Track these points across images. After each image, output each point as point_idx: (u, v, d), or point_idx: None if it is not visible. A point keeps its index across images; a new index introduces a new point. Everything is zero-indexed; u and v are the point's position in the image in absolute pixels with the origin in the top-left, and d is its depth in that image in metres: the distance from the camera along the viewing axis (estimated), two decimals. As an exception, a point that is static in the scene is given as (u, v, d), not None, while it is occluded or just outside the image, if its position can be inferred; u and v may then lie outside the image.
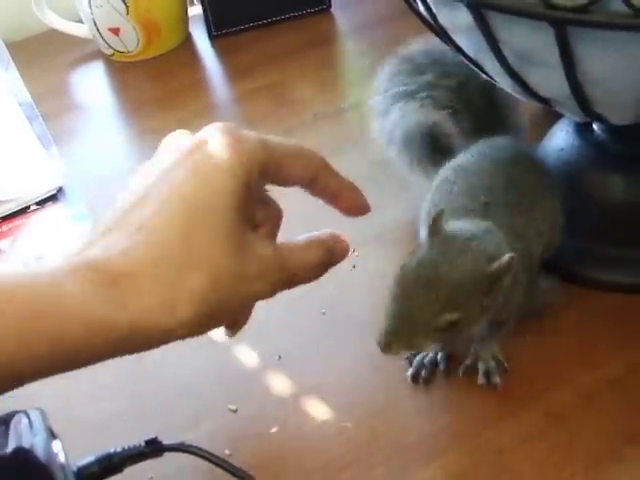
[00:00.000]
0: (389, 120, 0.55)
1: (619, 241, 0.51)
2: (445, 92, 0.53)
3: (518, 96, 0.46)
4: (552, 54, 0.38)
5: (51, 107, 0.76)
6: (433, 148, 0.53)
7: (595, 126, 0.52)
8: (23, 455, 0.33)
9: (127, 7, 0.79)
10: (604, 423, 0.43)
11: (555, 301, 0.48)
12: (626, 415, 0.43)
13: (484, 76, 0.47)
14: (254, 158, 0.37)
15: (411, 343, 0.41)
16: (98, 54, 0.85)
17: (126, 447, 0.40)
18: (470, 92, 0.53)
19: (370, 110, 0.58)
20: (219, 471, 0.40)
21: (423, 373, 0.46)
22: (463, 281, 0.39)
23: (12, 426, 0.35)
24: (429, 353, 0.47)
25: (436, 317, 0.39)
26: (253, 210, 0.39)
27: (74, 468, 0.38)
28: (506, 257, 0.39)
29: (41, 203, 0.64)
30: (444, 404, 0.45)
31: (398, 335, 0.40)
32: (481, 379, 0.45)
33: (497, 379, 0.45)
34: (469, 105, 0.54)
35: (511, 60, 0.41)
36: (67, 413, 0.45)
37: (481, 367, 0.45)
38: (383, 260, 0.55)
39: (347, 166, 0.58)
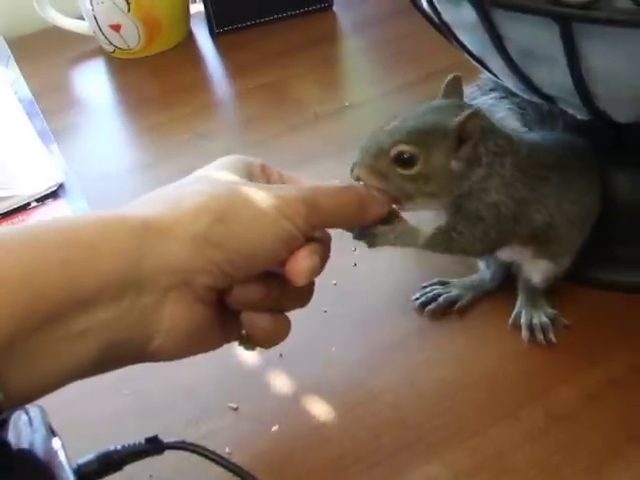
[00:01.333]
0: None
1: (623, 241, 0.50)
2: (533, 113, 0.53)
3: (521, 93, 0.46)
4: (556, 51, 0.38)
5: (51, 104, 0.76)
6: None
7: (598, 124, 0.52)
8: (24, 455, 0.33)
9: (128, 4, 0.79)
10: (606, 422, 0.43)
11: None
12: (628, 414, 0.43)
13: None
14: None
15: (374, 168, 0.42)
16: (99, 51, 0.85)
17: (126, 445, 0.39)
18: (555, 121, 0.52)
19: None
20: (219, 469, 0.40)
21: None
22: (428, 123, 0.41)
23: (11, 423, 0.35)
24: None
25: (391, 146, 0.41)
26: None
27: (74, 466, 0.38)
28: (468, 110, 0.40)
29: (41, 200, 0.64)
30: (444, 404, 0.45)
31: (365, 159, 0.42)
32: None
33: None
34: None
35: (515, 57, 0.41)
36: (67, 410, 0.45)
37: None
38: (384, 258, 0.55)
39: (348, 165, 0.57)
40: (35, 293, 0.32)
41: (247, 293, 0.38)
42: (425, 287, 0.51)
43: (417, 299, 0.51)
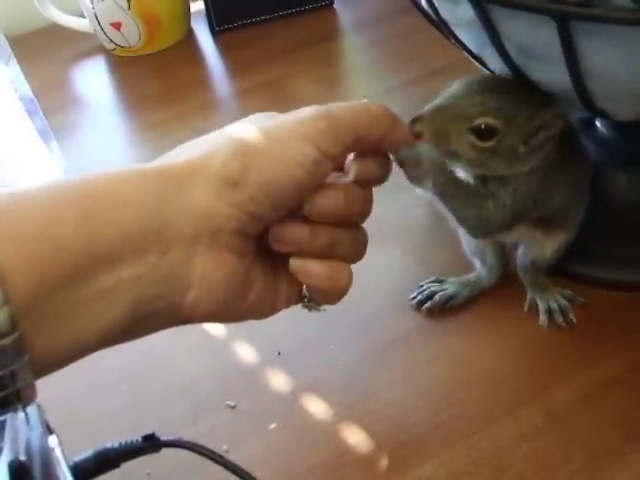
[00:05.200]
0: None
1: (622, 239, 0.50)
2: None
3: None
4: (554, 48, 0.37)
5: (52, 102, 0.76)
6: None
7: (598, 123, 0.52)
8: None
9: (129, 2, 0.79)
10: (604, 422, 0.43)
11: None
12: (626, 413, 0.43)
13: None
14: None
15: (443, 129, 0.40)
16: (99, 49, 0.85)
17: (123, 442, 0.39)
18: None
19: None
20: (216, 467, 0.40)
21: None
22: (517, 103, 0.40)
23: (8, 420, 0.35)
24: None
25: (477, 116, 0.40)
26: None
27: (71, 463, 0.38)
28: (556, 107, 0.40)
29: (41, 197, 0.63)
30: (442, 401, 0.45)
31: (433, 119, 0.40)
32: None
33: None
34: None
35: (513, 54, 0.41)
36: (64, 408, 0.45)
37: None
38: (383, 256, 0.55)
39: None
40: (55, 247, 0.31)
41: (287, 233, 0.36)
42: (422, 286, 0.51)
43: (414, 298, 0.51)
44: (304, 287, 0.39)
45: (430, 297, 0.50)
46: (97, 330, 0.33)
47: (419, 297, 0.50)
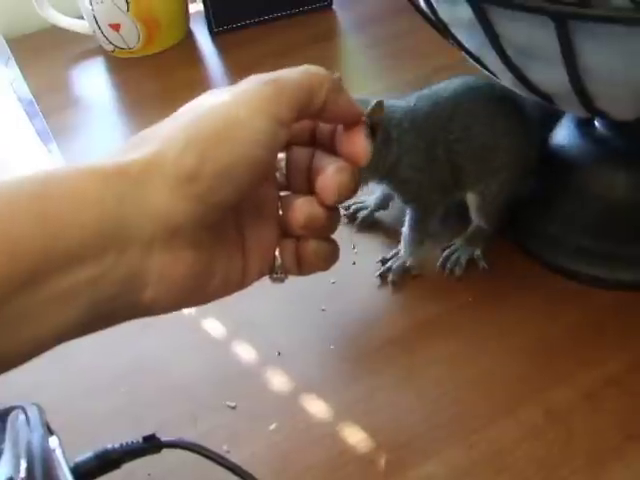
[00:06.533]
0: None
1: (621, 238, 0.50)
2: None
3: (519, 91, 0.46)
4: (553, 49, 0.37)
5: (51, 103, 0.76)
6: None
7: (597, 123, 0.52)
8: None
9: (128, 3, 0.79)
10: (604, 421, 0.43)
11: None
12: (626, 413, 0.43)
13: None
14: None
15: None
16: (99, 50, 0.85)
17: (124, 443, 0.39)
18: None
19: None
20: (217, 468, 0.40)
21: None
22: None
23: (9, 422, 0.35)
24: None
25: None
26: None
27: (72, 464, 0.38)
28: (374, 101, 0.40)
29: (41, 199, 0.63)
30: (442, 401, 0.45)
31: None
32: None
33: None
34: None
35: (512, 55, 0.41)
36: (65, 409, 0.45)
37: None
38: (381, 255, 0.55)
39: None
40: (13, 250, 0.30)
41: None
42: (448, 255, 0.53)
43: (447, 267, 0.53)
44: (277, 257, 0.38)
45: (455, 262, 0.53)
46: (53, 330, 0.32)
47: (449, 265, 0.53)
